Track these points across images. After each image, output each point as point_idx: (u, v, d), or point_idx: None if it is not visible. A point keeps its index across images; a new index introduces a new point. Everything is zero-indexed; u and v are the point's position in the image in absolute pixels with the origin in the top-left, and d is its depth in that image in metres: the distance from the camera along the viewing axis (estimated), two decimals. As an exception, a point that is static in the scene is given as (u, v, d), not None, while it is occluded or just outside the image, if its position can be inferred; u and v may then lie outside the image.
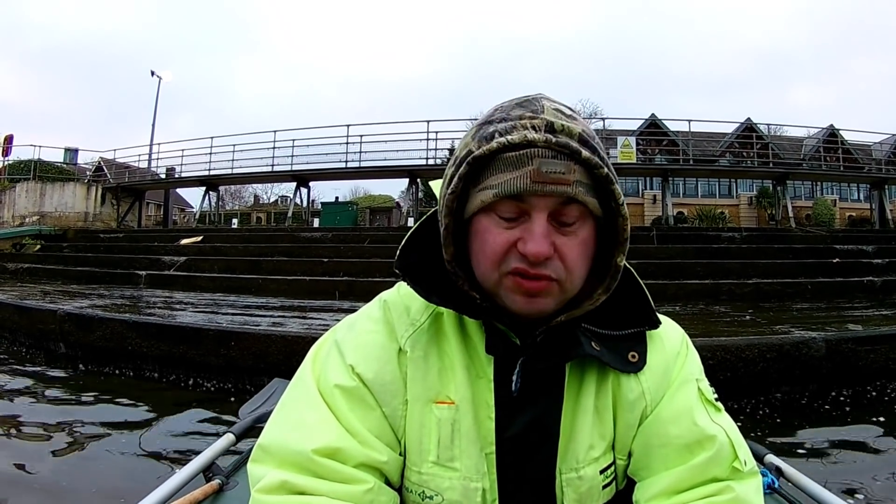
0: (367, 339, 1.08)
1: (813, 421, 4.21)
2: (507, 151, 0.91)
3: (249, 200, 65.79)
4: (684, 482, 0.99)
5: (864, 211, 35.99)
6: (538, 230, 0.91)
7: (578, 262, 0.95)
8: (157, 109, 32.00)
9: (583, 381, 1.06)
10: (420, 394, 1.04)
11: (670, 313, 1.60)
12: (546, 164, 0.89)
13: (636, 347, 1.06)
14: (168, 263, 12.80)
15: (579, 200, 0.91)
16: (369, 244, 13.53)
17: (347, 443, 0.98)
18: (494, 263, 0.94)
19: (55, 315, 6.23)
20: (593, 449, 1.05)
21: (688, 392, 1.07)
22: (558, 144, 0.89)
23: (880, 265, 10.94)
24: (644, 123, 35.24)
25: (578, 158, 0.90)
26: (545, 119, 0.91)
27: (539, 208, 0.91)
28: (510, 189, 0.90)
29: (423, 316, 1.08)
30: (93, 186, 25.39)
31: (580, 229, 0.94)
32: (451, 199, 0.95)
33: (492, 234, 0.94)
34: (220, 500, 1.42)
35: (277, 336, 5.02)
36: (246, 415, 2.01)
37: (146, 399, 4.65)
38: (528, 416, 1.04)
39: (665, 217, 23.12)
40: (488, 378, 1.04)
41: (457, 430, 1.03)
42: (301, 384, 1.07)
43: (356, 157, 24.10)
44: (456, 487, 1.03)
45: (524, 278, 0.93)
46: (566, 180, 0.90)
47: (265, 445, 1.00)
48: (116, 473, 3.24)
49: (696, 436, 1.01)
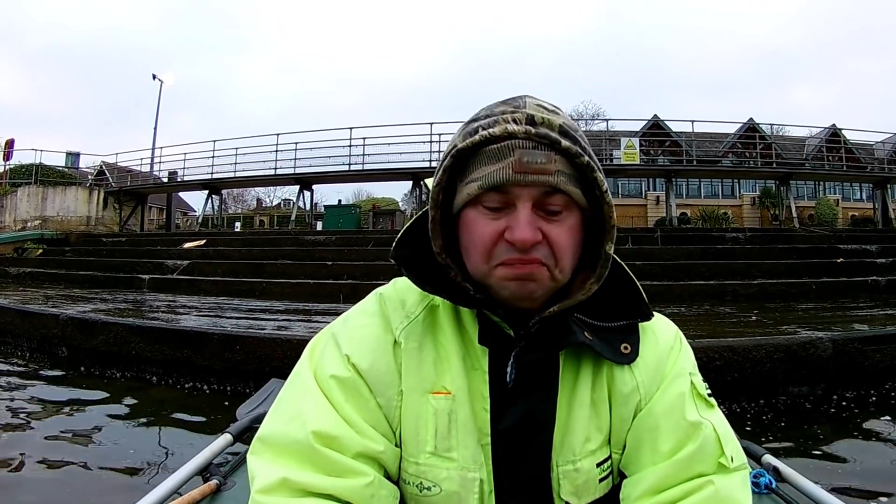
0: (362, 331, 1.09)
1: (821, 421, 4.19)
2: (490, 144, 0.94)
3: (252, 204, 65.92)
4: (669, 478, 1.00)
5: (866, 210, 36.05)
6: (523, 218, 0.93)
7: (567, 247, 0.96)
8: (159, 113, 32.10)
9: (579, 374, 1.07)
10: (415, 384, 1.05)
11: (676, 314, 1.60)
12: (527, 154, 0.92)
13: (628, 339, 1.08)
14: (171, 267, 12.80)
15: (562, 190, 0.94)
16: (373, 247, 13.51)
17: (345, 431, 0.99)
18: (484, 255, 0.97)
19: (58, 319, 6.22)
20: (589, 441, 1.06)
21: (680, 387, 1.07)
22: (538, 135, 0.93)
23: (884, 265, 10.89)
24: (647, 124, 35.33)
25: (558, 148, 0.93)
26: (526, 112, 0.95)
27: (523, 198, 0.94)
28: (493, 180, 0.93)
29: (418, 308, 1.10)
30: (95, 190, 25.47)
31: (566, 218, 0.96)
32: (436, 192, 0.99)
33: (479, 225, 0.96)
34: (218, 501, 1.42)
35: (283, 340, 5.00)
36: (243, 415, 2.03)
37: (148, 403, 4.66)
38: (523, 408, 1.04)
39: (669, 218, 23.14)
40: (483, 369, 1.05)
41: (454, 421, 1.04)
42: (298, 377, 1.08)
43: (359, 160, 24.19)
44: (454, 478, 1.03)
45: (514, 265, 0.95)
46: (548, 170, 0.93)
47: (264, 437, 1.01)
48: (115, 475, 3.23)
49: (683, 429, 1.02)
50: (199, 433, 3.95)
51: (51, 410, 4.41)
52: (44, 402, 4.65)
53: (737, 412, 4.29)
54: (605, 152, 25.25)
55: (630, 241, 13.44)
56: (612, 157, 24.24)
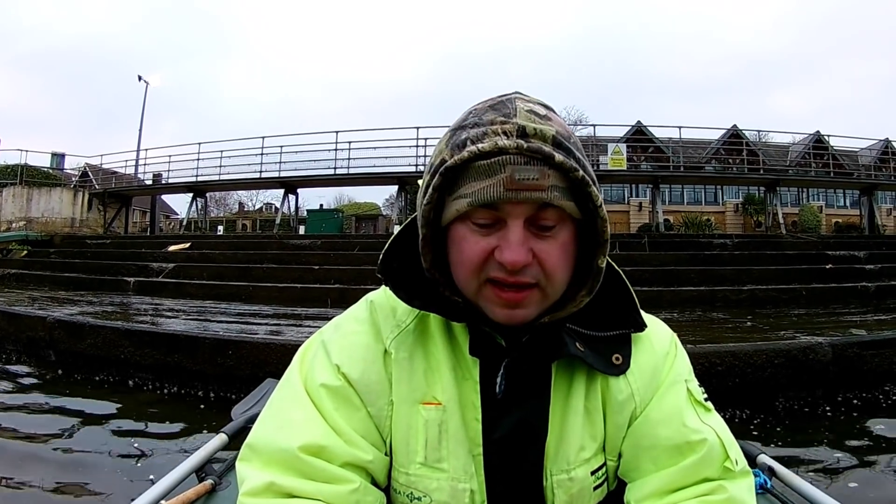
0: (352, 339, 1.08)
1: (821, 425, 4.22)
2: (479, 160, 0.89)
3: (234, 208, 65.63)
4: (676, 483, 1.00)
5: (850, 217, 36.41)
6: (514, 238, 0.90)
7: (559, 266, 0.94)
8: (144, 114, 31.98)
9: (572, 383, 1.06)
10: (406, 395, 1.04)
11: (669, 320, 1.58)
12: (519, 170, 0.88)
13: (620, 350, 1.06)
14: (157, 270, 12.68)
15: (555, 205, 0.90)
16: (359, 251, 13.50)
17: (333, 441, 0.98)
18: (473, 272, 0.95)
19: (45, 322, 6.17)
20: (584, 450, 1.05)
21: (677, 393, 1.07)
22: (530, 150, 0.88)
23: (873, 271, 11.04)
24: (630, 130, 35.44)
25: (552, 163, 0.88)
26: (517, 123, 0.90)
27: (514, 215, 0.91)
28: (484, 198, 0.90)
29: (408, 318, 1.09)
30: (80, 192, 25.41)
31: (559, 233, 0.93)
32: (427, 210, 0.95)
33: (468, 242, 0.94)
34: (213, 500, 1.43)
35: (277, 345, 4.97)
36: (238, 415, 2.01)
37: (138, 407, 4.61)
38: (515, 418, 1.04)
39: (655, 224, 23.24)
40: (474, 379, 1.04)
41: (444, 431, 1.03)
42: (288, 384, 1.08)
43: (345, 164, 24.15)
44: (444, 489, 1.03)
45: (503, 289, 0.93)
46: (541, 186, 0.89)
47: (252, 444, 1.01)
48: (108, 476, 3.22)
49: (685, 437, 1.02)
50: (189, 438, 3.90)
51: (37, 414, 4.36)
52: (30, 405, 4.60)
53: (740, 417, 4.32)
54: (591, 158, 25.32)
55: (618, 246, 13.54)
56: (598, 163, 24.34)
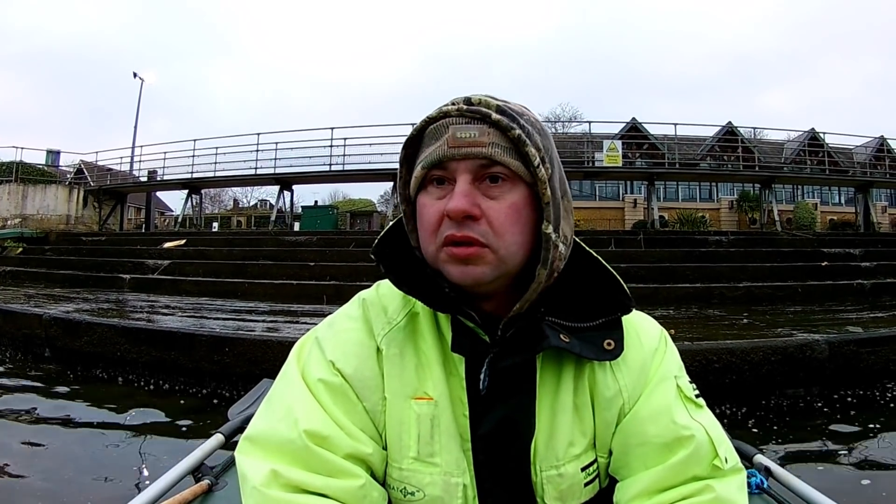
0: (346, 336, 1.10)
1: (818, 422, 4.22)
2: (429, 125, 0.98)
3: (229, 204, 65.52)
4: (664, 481, 1.00)
5: (844, 214, 36.41)
6: (458, 190, 0.95)
7: (507, 225, 0.96)
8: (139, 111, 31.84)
9: (560, 378, 1.07)
10: (397, 390, 1.06)
11: (665, 317, 1.58)
12: (460, 129, 0.95)
13: (611, 335, 1.06)
14: (152, 267, 12.63)
15: (497, 161, 0.94)
16: (355, 248, 13.46)
17: (335, 432, 0.99)
18: (431, 234, 0.98)
19: (41, 319, 6.15)
20: (573, 446, 1.05)
21: (666, 389, 1.07)
22: (470, 111, 0.95)
23: (868, 268, 11.03)
24: (625, 127, 35.41)
25: (489, 121, 0.95)
26: (465, 96, 0.99)
27: (460, 171, 0.96)
28: (432, 158, 0.96)
29: (399, 315, 1.11)
30: (75, 189, 25.23)
31: (508, 193, 0.97)
32: (401, 186, 1.04)
33: (426, 208, 0.99)
34: (210, 501, 1.43)
35: (274, 342, 4.96)
36: (235, 415, 2.01)
37: (135, 405, 4.58)
38: (500, 414, 1.05)
39: (651, 220, 23.23)
40: (460, 376, 1.06)
41: (436, 426, 1.04)
42: (287, 378, 1.08)
43: (340, 161, 24.09)
44: (437, 483, 1.04)
45: (454, 246, 0.95)
46: (481, 142, 0.94)
47: (253, 436, 1.01)
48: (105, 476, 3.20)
49: (674, 434, 1.02)
50: (186, 436, 3.91)
51: (31, 413, 4.34)
52: (26, 403, 4.58)
53: (737, 415, 4.33)
54: (587, 155, 25.31)
55: (613, 243, 13.53)
56: (594, 159, 24.29)
